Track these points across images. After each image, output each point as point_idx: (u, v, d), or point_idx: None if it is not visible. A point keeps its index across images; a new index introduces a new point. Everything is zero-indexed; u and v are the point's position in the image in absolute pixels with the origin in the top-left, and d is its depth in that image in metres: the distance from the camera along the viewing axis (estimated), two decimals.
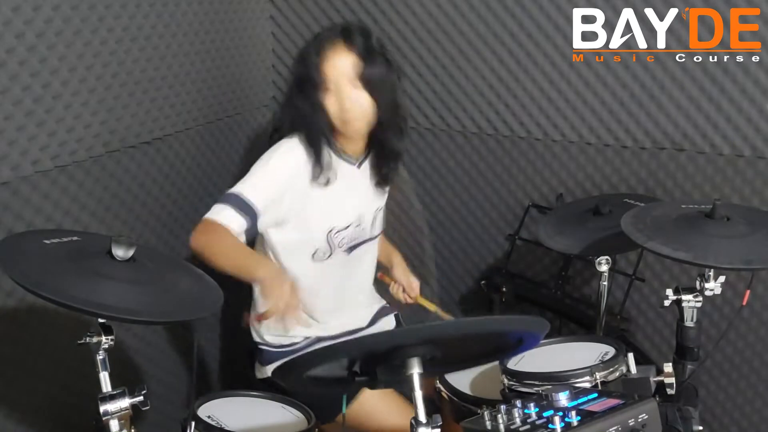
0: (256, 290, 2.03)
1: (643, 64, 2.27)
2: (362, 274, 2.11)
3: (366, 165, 2.01)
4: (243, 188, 1.81)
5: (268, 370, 2.04)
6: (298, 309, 1.63)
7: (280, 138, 1.92)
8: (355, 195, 1.98)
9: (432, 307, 2.22)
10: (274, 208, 1.83)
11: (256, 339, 2.07)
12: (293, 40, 2.70)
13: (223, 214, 1.77)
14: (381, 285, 2.24)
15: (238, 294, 2.15)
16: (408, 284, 2.21)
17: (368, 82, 1.83)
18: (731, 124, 2.23)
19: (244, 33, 2.58)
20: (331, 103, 1.84)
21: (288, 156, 1.87)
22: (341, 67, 1.81)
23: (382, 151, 1.98)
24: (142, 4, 2.09)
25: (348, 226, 1.95)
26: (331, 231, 1.92)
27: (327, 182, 1.89)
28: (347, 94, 1.82)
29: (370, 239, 2.05)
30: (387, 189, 2.09)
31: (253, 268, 1.71)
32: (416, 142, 2.66)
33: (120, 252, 1.35)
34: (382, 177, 2.03)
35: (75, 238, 1.44)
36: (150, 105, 2.17)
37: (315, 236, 1.91)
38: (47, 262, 1.32)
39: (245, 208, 1.78)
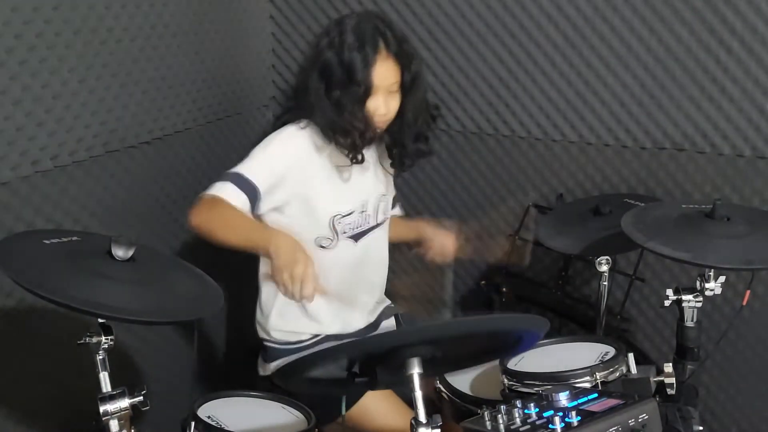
0: (261, 272, 2.02)
1: (643, 64, 2.27)
2: (370, 269, 2.09)
3: (368, 152, 2.00)
4: (243, 168, 1.81)
5: (272, 367, 2.03)
6: (315, 278, 1.59)
7: (286, 122, 1.92)
8: (357, 181, 1.97)
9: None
10: (275, 191, 1.83)
11: (262, 335, 2.07)
12: (293, 40, 2.70)
13: (224, 190, 1.76)
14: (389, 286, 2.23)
15: (238, 294, 2.16)
16: (441, 246, 2.13)
17: (403, 87, 1.86)
18: (731, 124, 2.23)
19: (244, 33, 2.57)
20: (367, 106, 1.84)
21: (289, 142, 1.87)
22: (386, 76, 1.81)
23: (404, 148, 1.99)
24: (141, 4, 2.09)
25: (352, 212, 1.95)
26: (335, 217, 1.91)
27: (359, 160, 1.88)
28: (384, 101, 1.84)
29: (376, 226, 2.04)
30: (391, 176, 2.09)
31: (265, 239, 1.68)
32: None
33: (120, 252, 1.35)
34: (402, 167, 2.04)
35: (75, 238, 1.44)
36: (150, 105, 2.17)
37: (319, 222, 1.90)
38: (47, 262, 1.32)
39: (246, 186, 1.77)
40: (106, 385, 1.38)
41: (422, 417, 1.25)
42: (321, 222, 1.91)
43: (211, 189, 1.78)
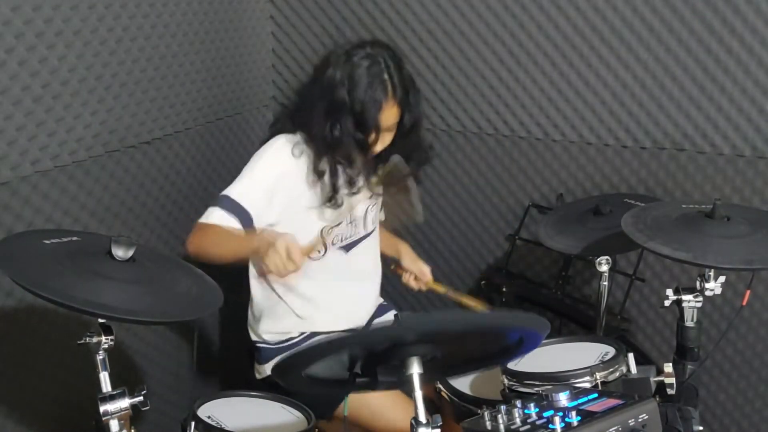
0: (252, 276, 2.04)
1: (643, 64, 2.27)
2: (361, 275, 2.11)
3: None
4: (232, 191, 1.85)
5: (267, 368, 2.04)
6: (299, 261, 1.66)
7: (279, 131, 1.94)
8: (344, 192, 1.98)
9: (443, 289, 2.20)
10: (266, 208, 1.86)
11: (254, 338, 2.08)
12: (293, 40, 2.70)
13: (214, 216, 1.82)
14: (385, 285, 2.23)
15: (238, 294, 2.15)
16: (419, 271, 2.19)
17: (399, 128, 1.92)
18: (731, 124, 2.23)
19: (244, 33, 2.58)
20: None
21: (275, 158, 1.90)
22: (389, 119, 1.88)
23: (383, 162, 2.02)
24: (142, 4, 2.09)
25: (340, 223, 1.97)
26: (324, 228, 1.94)
27: (334, 202, 1.92)
28: (382, 138, 1.89)
29: (366, 236, 2.06)
30: (379, 188, 2.10)
31: (248, 242, 1.80)
32: None
33: (120, 252, 1.35)
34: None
35: (75, 238, 1.44)
36: (150, 105, 2.17)
37: (310, 235, 1.92)
38: (47, 262, 1.32)
39: (236, 210, 1.82)
40: (106, 385, 1.38)
41: (422, 417, 1.25)
42: (312, 235, 1.92)
43: (204, 216, 1.84)
